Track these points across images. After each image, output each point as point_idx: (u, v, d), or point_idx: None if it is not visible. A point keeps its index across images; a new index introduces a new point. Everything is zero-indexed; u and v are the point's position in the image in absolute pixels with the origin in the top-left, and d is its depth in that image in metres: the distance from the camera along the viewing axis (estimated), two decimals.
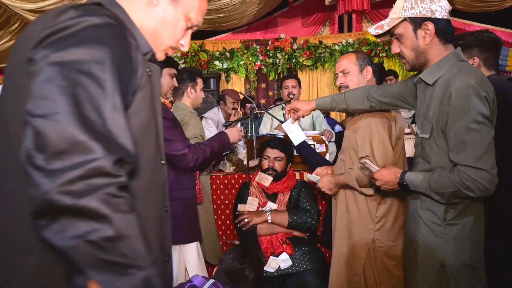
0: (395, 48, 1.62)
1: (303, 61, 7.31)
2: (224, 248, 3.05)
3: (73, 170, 0.66)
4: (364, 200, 1.99)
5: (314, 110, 2.19)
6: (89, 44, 0.73)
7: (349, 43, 7.31)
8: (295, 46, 7.33)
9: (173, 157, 2.06)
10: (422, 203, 1.61)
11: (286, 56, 7.28)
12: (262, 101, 7.61)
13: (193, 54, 7.29)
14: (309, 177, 2.28)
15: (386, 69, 6.26)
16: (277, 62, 7.33)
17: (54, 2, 4.93)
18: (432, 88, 1.56)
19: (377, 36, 1.64)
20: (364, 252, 1.97)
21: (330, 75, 7.45)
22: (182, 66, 7.30)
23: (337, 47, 7.33)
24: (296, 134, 2.36)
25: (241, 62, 7.39)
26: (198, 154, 2.09)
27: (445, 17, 1.52)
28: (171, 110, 2.27)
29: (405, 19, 1.54)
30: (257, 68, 7.43)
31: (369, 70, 2.10)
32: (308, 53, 7.31)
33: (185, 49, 1.04)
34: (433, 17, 1.50)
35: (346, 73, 2.10)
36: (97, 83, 0.72)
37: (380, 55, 7.17)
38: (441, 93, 1.49)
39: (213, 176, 3.04)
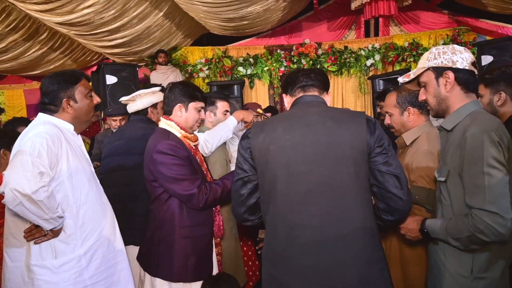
0: (422, 95, 1.75)
1: (328, 66, 7.18)
2: (246, 268, 3.05)
3: None
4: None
5: None
6: None
7: (376, 48, 7.14)
8: (319, 52, 7.21)
9: (182, 197, 2.04)
10: (447, 253, 1.62)
11: (311, 62, 7.18)
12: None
13: (217, 60, 7.29)
14: None
15: None
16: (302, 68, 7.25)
17: (80, 15, 5.02)
18: (450, 134, 1.65)
19: (405, 83, 1.77)
20: None
21: (356, 80, 7.30)
22: (206, 72, 7.32)
23: (362, 52, 7.18)
24: None
25: (265, 68, 7.33)
26: (208, 194, 2.05)
27: (467, 68, 1.62)
28: (195, 142, 2.26)
29: (428, 69, 1.68)
30: (281, 74, 7.35)
31: (411, 111, 2.08)
32: (333, 58, 7.18)
33: None
34: (454, 67, 1.62)
35: (390, 115, 2.18)
36: None
37: (408, 60, 6.97)
38: (457, 139, 1.57)
39: None
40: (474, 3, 6.64)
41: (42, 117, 1.85)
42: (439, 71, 1.64)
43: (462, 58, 1.61)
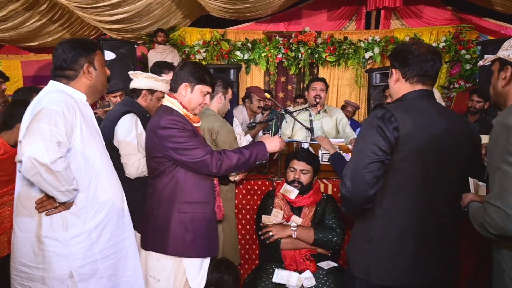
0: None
1: (326, 56, 7.17)
2: (243, 251, 3.09)
3: None
4: None
5: None
6: None
7: (376, 40, 7.14)
8: (319, 41, 7.18)
9: (195, 164, 2.07)
10: (505, 255, 1.53)
11: (309, 51, 7.15)
12: (281, 94, 7.53)
13: (215, 43, 7.21)
14: None
15: None
16: (299, 56, 7.21)
17: None
18: None
19: (480, 66, 1.71)
20: None
21: (353, 72, 7.31)
22: (203, 55, 7.23)
23: (362, 44, 7.17)
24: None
25: (263, 54, 7.28)
26: (222, 160, 2.09)
27: None
28: (197, 124, 2.27)
29: (498, 58, 1.53)
30: (278, 61, 7.32)
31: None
32: (331, 48, 7.17)
33: None
34: None
35: None
36: None
37: None
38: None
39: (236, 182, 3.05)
40: (480, 1, 6.61)
41: (54, 85, 1.79)
42: (502, 63, 1.50)
43: None
